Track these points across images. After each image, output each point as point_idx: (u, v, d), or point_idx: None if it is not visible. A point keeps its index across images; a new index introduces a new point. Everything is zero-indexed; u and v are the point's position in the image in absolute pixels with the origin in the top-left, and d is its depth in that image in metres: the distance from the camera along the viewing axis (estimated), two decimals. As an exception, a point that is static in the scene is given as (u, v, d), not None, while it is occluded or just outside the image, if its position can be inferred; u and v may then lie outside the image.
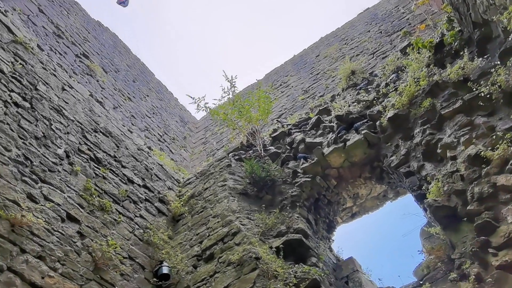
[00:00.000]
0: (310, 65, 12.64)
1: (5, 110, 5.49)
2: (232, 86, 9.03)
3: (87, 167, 6.24)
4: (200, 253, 6.05)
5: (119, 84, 11.04)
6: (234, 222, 6.04)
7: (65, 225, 5.24)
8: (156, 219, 6.97)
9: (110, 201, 6.19)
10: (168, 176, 8.24)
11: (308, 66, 12.72)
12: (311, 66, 12.53)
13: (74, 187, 5.74)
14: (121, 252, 5.71)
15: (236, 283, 4.99)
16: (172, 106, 13.62)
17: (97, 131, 7.01)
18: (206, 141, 12.56)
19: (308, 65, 12.83)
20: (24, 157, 5.30)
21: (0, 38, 6.33)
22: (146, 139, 9.82)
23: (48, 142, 5.85)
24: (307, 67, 12.72)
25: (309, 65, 12.73)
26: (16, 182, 4.97)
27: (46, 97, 6.41)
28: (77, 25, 10.96)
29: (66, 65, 8.99)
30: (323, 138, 7.37)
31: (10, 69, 6.08)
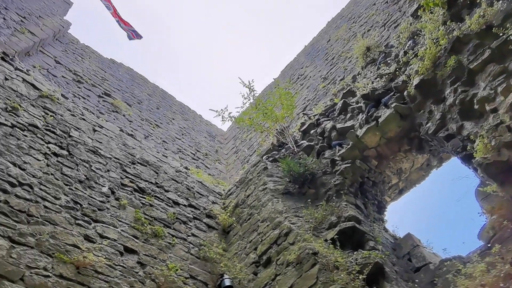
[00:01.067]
0: (324, 52, 12.48)
1: (47, 162, 5.81)
2: (251, 90, 9.07)
3: (133, 198, 6.46)
4: (257, 260, 6.08)
5: (145, 114, 11.37)
6: (284, 223, 6.03)
7: (125, 258, 5.44)
8: (207, 234, 7.09)
9: (161, 226, 6.37)
10: (209, 191, 8.37)
11: (322, 53, 12.56)
12: (324, 53, 12.36)
13: (125, 220, 5.96)
14: (182, 273, 5.85)
15: (299, 282, 4.97)
16: (198, 124, 13.86)
17: (134, 163, 7.24)
18: (237, 149, 12.66)
19: (321, 52, 12.68)
20: (73, 202, 5.57)
21: (28, 96, 6.71)
22: (181, 160, 10.03)
23: (92, 183, 6.11)
24: (321, 54, 12.56)
25: (322, 52, 12.57)
26: (72, 227, 5.22)
27: (81, 141, 6.71)
28: (93, 67, 11.42)
29: (91, 107, 9.38)
30: (353, 120, 7.24)
31: (43, 122, 6.42)
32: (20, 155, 5.56)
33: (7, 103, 6.18)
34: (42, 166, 5.67)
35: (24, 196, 5.08)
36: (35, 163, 5.63)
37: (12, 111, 6.12)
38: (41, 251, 4.69)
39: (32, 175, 5.42)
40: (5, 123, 5.83)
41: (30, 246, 4.65)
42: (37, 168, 5.58)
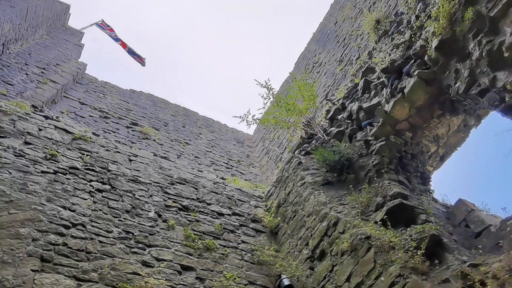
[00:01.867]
0: (333, 35, 12.29)
1: (93, 199, 6.08)
2: (269, 89, 9.06)
3: (179, 217, 6.63)
4: (311, 255, 6.06)
5: (173, 134, 11.64)
6: (330, 213, 5.99)
7: (184, 276, 5.58)
8: (257, 239, 7.15)
9: (211, 239, 6.49)
10: (249, 196, 8.44)
11: (332, 36, 12.37)
12: (334, 35, 12.17)
13: (176, 240, 6.12)
14: (240, 280, 5.93)
15: (357, 268, 4.90)
16: (224, 133, 14.02)
17: (173, 183, 7.44)
18: (267, 150, 12.69)
19: (331, 35, 12.49)
20: (125, 232, 5.79)
21: (63, 141, 7.05)
22: (216, 172, 10.18)
23: (138, 210, 6.33)
24: (331, 38, 12.38)
25: (332, 35, 12.38)
26: (129, 256, 5.43)
27: (120, 173, 6.97)
28: (116, 101, 11.82)
29: (123, 139, 9.71)
30: (378, 97, 7.07)
31: (81, 163, 6.73)
32: (67, 198, 5.85)
33: (45, 151, 6.53)
34: (89, 204, 5.94)
35: (79, 236, 5.34)
36: (82, 202, 5.91)
37: (52, 158, 6.46)
38: (106, 284, 4.91)
39: (82, 214, 5.69)
40: (47, 171, 6.16)
41: (95, 281, 4.88)
42: (86, 207, 5.85)
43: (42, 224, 5.21)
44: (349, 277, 4.94)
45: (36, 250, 4.85)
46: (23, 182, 5.71)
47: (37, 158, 6.31)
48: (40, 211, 5.38)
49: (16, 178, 5.72)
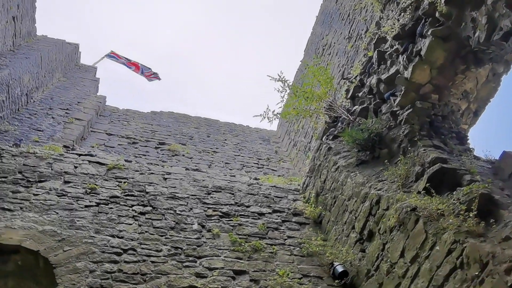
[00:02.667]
0: (337, 14, 12.06)
1: (138, 223, 6.28)
2: (284, 81, 9.00)
3: (222, 224, 6.72)
4: (359, 237, 5.98)
5: (199, 146, 11.82)
6: (370, 192, 5.88)
7: (238, 281, 5.65)
8: (302, 231, 7.13)
9: (257, 240, 6.53)
10: (285, 191, 8.43)
11: (335, 15, 12.15)
12: (338, 14, 11.94)
13: (223, 247, 6.21)
14: (294, 275, 5.93)
15: (409, 242, 4.78)
16: (248, 134, 14.07)
17: (210, 193, 7.56)
18: (294, 142, 12.62)
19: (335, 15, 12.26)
20: (174, 248, 5.94)
21: (99, 173, 7.33)
22: (249, 174, 10.23)
23: (182, 225, 6.47)
24: (335, 17, 12.16)
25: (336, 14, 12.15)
26: (182, 271, 5.57)
27: (158, 193, 7.16)
28: (140, 125, 12.14)
29: (154, 160, 9.96)
30: (396, 66, 6.88)
31: (120, 191, 6.97)
32: (114, 226, 6.07)
33: (85, 187, 6.81)
34: (135, 228, 6.14)
35: (132, 260, 5.53)
36: (128, 228, 6.11)
37: (92, 192, 6.73)
38: (166, 301, 5.05)
39: (130, 239, 5.89)
40: (90, 204, 6.43)
41: (155, 300, 5.03)
42: (132, 232, 6.05)
43: (95, 256, 5.44)
44: (403, 252, 4.83)
45: (95, 281, 5.06)
46: (70, 220, 5.98)
47: (79, 194, 6.59)
48: (91, 244, 5.61)
49: (63, 217, 6.00)
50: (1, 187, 6.34)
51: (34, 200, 6.22)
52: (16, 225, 5.64)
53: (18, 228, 5.60)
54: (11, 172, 6.72)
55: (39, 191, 6.42)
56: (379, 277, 5.12)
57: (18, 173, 6.75)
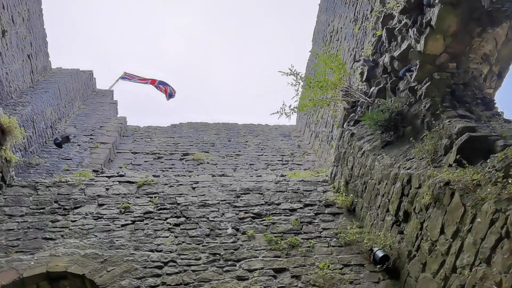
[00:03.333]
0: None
1: (174, 235, 6.41)
2: (296, 74, 8.95)
3: (255, 225, 6.75)
4: (395, 219, 5.87)
5: (222, 151, 11.92)
6: (400, 172, 5.76)
7: (280, 279, 5.66)
8: (336, 222, 7.07)
9: (292, 236, 6.53)
10: (314, 184, 8.38)
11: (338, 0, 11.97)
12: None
13: (260, 247, 6.24)
14: (335, 266, 5.89)
15: (448, 218, 4.65)
16: (268, 132, 14.06)
17: (239, 196, 7.61)
18: (316, 134, 12.52)
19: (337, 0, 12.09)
20: (212, 254, 6.02)
21: (130, 192, 7.51)
22: (274, 171, 10.23)
23: (217, 231, 6.55)
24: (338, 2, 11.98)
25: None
26: (223, 276, 5.64)
27: (188, 203, 7.27)
28: (162, 140, 12.36)
29: (180, 171, 10.11)
30: (407, 40, 6.70)
31: (153, 205, 7.12)
32: (151, 241, 6.21)
33: (119, 207, 7.00)
34: (172, 240, 6.27)
35: (173, 271, 5.64)
36: (166, 241, 6.25)
37: (126, 211, 6.92)
38: (212, 307, 5.12)
39: (169, 251, 6.01)
40: (127, 223, 6.61)
41: (201, 307, 5.11)
42: (170, 244, 6.18)
43: (138, 272, 5.58)
44: (442, 228, 4.70)
45: (141, 296, 5.20)
46: (109, 240, 6.16)
47: (114, 215, 6.79)
48: (133, 261, 5.77)
49: (103, 239, 6.19)
50: (40, 218, 6.62)
51: (73, 226, 6.45)
52: (60, 252, 5.87)
53: (62, 255, 5.82)
54: (47, 203, 7.00)
55: (76, 217, 6.66)
56: (422, 257, 5.01)
57: (54, 202, 7.03)
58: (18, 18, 10.64)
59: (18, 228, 6.35)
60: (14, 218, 6.59)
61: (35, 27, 11.90)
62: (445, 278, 4.47)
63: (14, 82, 10.20)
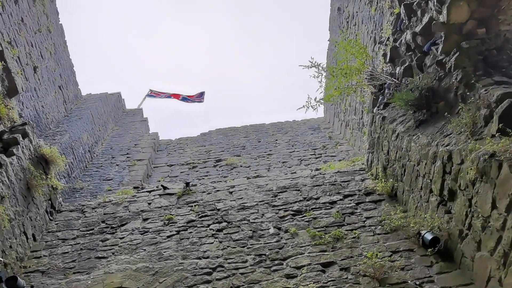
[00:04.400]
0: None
1: (218, 240, 6.51)
2: (317, 66, 8.84)
3: (297, 222, 6.73)
4: (440, 199, 5.65)
5: (254, 153, 11.99)
6: (439, 150, 5.55)
7: (329, 273, 5.61)
8: (379, 209, 6.92)
9: (336, 228, 6.45)
10: (351, 174, 8.24)
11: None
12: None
13: (304, 244, 6.21)
14: (383, 254, 5.75)
15: (498, 191, 4.42)
16: (296, 128, 13.99)
17: (276, 195, 7.62)
18: (346, 123, 12.31)
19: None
20: (258, 255, 6.05)
21: (171, 203, 7.71)
22: (308, 166, 10.16)
23: (259, 232, 6.59)
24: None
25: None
26: (271, 275, 5.65)
27: (228, 208, 7.37)
28: (194, 149, 12.62)
29: (215, 177, 10.27)
30: (427, 13, 6.45)
31: (194, 214, 7.28)
32: (198, 249, 6.34)
33: (162, 219, 7.21)
34: (217, 245, 6.37)
35: (222, 276, 5.73)
36: (211, 247, 6.36)
37: (170, 222, 7.12)
38: (265, 308, 5.15)
39: (216, 256, 6.11)
40: (172, 234, 6.79)
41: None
42: (215, 249, 6.28)
43: (189, 280, 5.72)
44: (494, 203, 4.47)
45: (195, 303, 5.32)
46: (157, 253, 6.36)
47: (159, 227, 6.99)
48: (182, 270, 5.91)
49: (151, 252, 6.40)
50: (91, 238, 6.93)
51: (122, 243, 6.71)
52: (113, 269, 6.12)
53: (116, 271, 6.07)
54: (95, 224, 7.33)
55: (124, 234, 6.92)
56: (475, 235, 4.79)
57: (101, 222, 7.34)
58: (46, 53, 11.22)
59: (72, 251, 6.68)
60: (67, 242, 6.94)
61: (62, 59, 12.51)
62: (504, 254, 4.25)
63: (50, 114, 10.77)
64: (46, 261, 6.48)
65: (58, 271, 6.23)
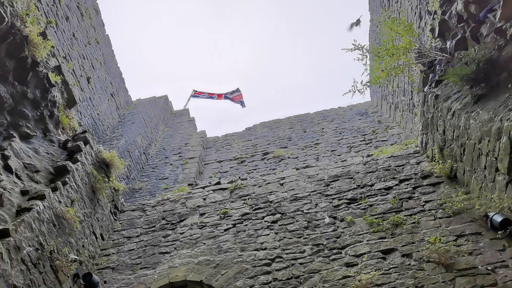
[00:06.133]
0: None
1: (274, 231, 6.57)
2: (361, 48, 8.55)
3: (352, 211, 6.62)
4: (509, 178, 5.25)
5: (300, 143, 11.91)
6: (504, 125, 5.17)
7: (390, 260, 5.47)
8: (438, 192, 6.61)
9: (394, 215, 6.27)
10: (405, 157, 7.93)
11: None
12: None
13: (362, 231, 6.10)
14: (447, 238, 5.51)
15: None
16: (343, 115, 13.67)
17: (329, 184, 7.53)
18: (395, 105, 11.82)
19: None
20: (315, 245, 6.05)
21: (225, 198, 7.90)
22: (359, 153, 9.91)
23: (314, 222, 6.57)
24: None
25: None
26: (331, 265, 5.63)
27: (280, 199, 7.43)
28: (241, 145, 12.79)
29: (264, 170, 10.36)
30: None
31: (248, 207, 7.40)
32: (255, 241, 6.46)
33: (218, 213, 7.42)
34: (273, 237, 6.45)
35: (282, 266, 5.80)
36: (268, 238, 6.45)
37: (225, 216, 7.32)
38: (326, 297, 5.15)
39: (273, 248, 6.20)
40: (229, 227, 6.97)
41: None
42: (272, 241, 6.36)
43: (249, 271, 5.85)
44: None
45: (257, 294, 5.44)
46: (217, 246, 6.57)
47: (215, 221, 7.21)
48: (242, 262, 6.06)
49: (211, 245, 6.62)
50: (153, 235, 7.31)
51: (182, 238, 7.01)
52: (177, 263, 6.42)
53: (179, 265, 6.36)
54: (156, 221, 7.71)
55: (183, 229, 7.22)
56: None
57: (162, 219, 7.71)
58: (96, 64, 11.91)
59: (137, 247, 7.09)
60: (132, 239, 7.38)
61: (111, 68, 13.20)
62: None
63: (106, 120, 11.44)
64: (115, 258, 6.94)
65: (126, 267, 6.66)
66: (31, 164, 6.51)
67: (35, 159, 6.72)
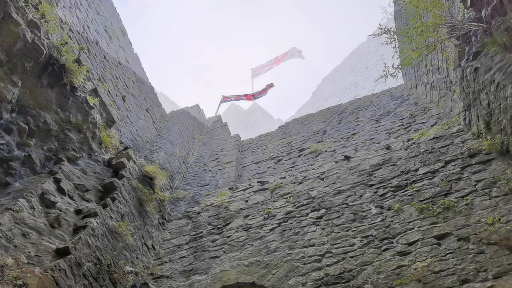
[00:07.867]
0: None
1: (321, 227, 6.50)
2: (389, 31, 8.30)
3: (399, 198, 6.42)
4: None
5: (336, 136, 11.71)
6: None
7: (445, 245, 5.26)
8: (489, 169, 6.25)
9: (443, 198, 6.02)
10: (448, 137, 7.59)
11: None
12: None
13: (412, 218, 5.90)
14: (508, 218, 5.19)
15: None
16: (377, 101, 13.28)
17: (371, 174, 7.35)
18: (431, 84, 11.34)
19: None
20: (364, 237, 5.93)
21: (266, 198, 7.93)
22: (398, 138, 9.59)
23: (361, 214, 6.45)
24: None
25: None
26: (383, 255, 5.51)
27: (323, 194, 7.34)
28: (276, 143, 12.79)
29: (302, 167, 10.27)
30: None
31: (291, 205, 7.38)
32: (301, 238, 6.43)
33: (261, 214, 7.45)
34: (320, 232, 6.39)
35: (332, 261, 5.73)
36: (315, 235, 6.39)
37: (269, 216, 7.34)
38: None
39: (321, 243, 6.14)
40: (274, 227, 6.98)
41: (372, 290, 5.05)
42: (319, 236, 6.30)
43: (300, 269, 5.83)
44: None
45: (311, 291, 5.40)
46: (264, 246, 6.60)
47: (260, 222, 7.25)
48: (292, 260, 6.05)
49: (258, 246, 6.66)
50: (201, 241, 7.47)
51: (230, 241, 7.11)
52: (227, 266, 6.52)
53: (230, 268, 6.45)
54: (203, 227, 7.87)
55: (230, 233, 7.32)
56: None
57: (208, 225, 7.86)
58: (129, 82, 12.37)
59: (188, 254, 7.27)
60: (182, 247, 7.58)
61: (143, 84, 13.66)
62: None
63: (144, 135, 11.84)
64: (168, 266, 7.16)
65: (179, 274, 6.85)
66: (81, 184, 6.87)
67: (84, 179, 7.08)
